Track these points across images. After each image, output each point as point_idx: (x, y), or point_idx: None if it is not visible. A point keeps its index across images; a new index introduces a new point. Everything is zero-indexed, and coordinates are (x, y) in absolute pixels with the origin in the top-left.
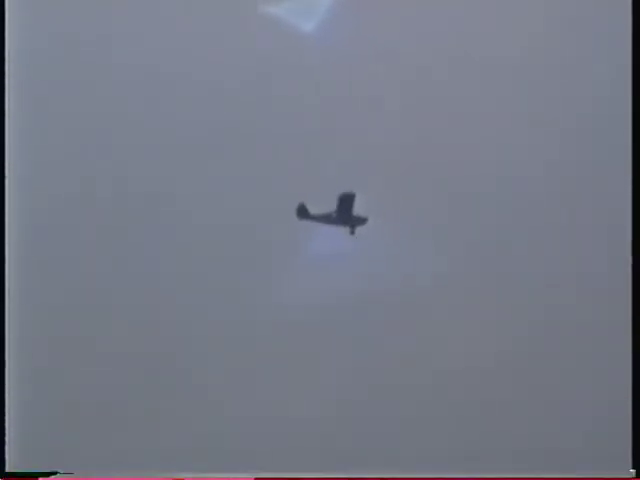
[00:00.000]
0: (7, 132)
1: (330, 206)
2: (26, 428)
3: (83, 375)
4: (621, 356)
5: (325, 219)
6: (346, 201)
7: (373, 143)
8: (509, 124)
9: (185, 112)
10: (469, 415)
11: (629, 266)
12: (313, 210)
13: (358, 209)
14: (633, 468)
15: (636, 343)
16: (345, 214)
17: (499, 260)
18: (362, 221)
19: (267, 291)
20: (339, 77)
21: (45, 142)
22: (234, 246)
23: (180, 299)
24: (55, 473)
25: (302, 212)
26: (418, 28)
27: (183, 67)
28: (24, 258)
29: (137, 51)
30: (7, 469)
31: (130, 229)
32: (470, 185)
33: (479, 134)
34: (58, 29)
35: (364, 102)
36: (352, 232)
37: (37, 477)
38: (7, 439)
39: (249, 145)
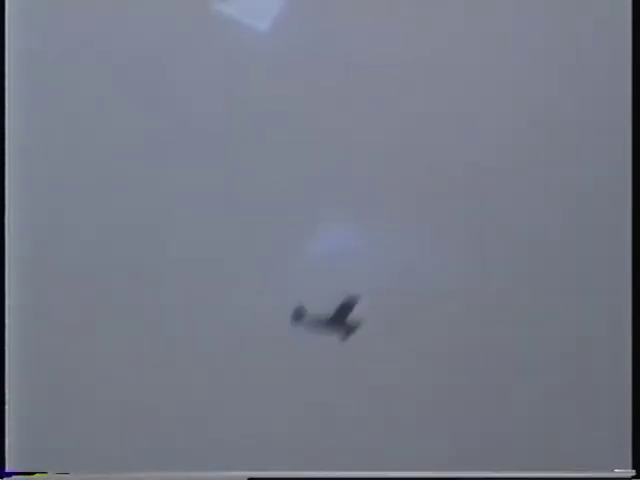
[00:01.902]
0: (7, 133)
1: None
2: (26, 428)
3: (83, 375)
4: (621, 356)
5: (320, 324)
6: (346, 307)
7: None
8: (507, 124)
9: (181, 113)
10: (468, 415)
11: (629, 265)
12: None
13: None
14: (633, 468)
15: (636, 343)
16: (341, 320)
17: (499, 261)
18: (355, 328)
19: (267, 291)
20: (299, 76)
21: (46, 143)
22: (234, 246)
23: (181, 299)
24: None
25: (298, 315)
26: (385, 24)
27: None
28: (24, 258)
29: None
30: (7, 469)
31: (131, 229)
32: (468, 186)
33: (476, 135)
34: (58, 29)
35: (327, 101)
36: (344, 339)
37: (37, 476)
38: (7, 439)
39: (250, 144)
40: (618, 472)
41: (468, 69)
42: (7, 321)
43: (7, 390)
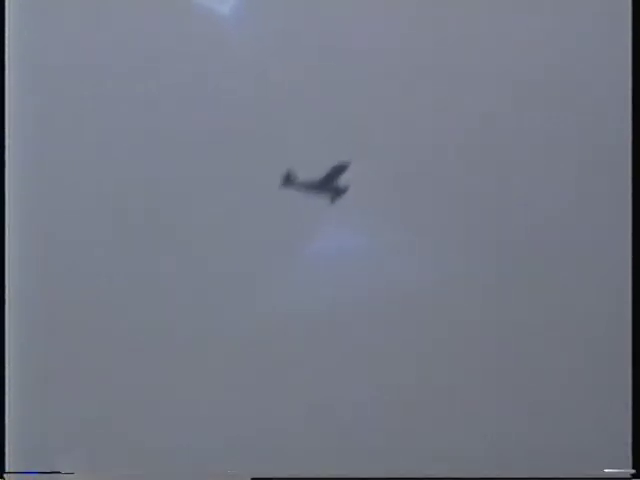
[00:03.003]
0: (7, 137)
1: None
2: (26, 428)
3: (84, 374)
4: (621, 356)
5: (308, 187)
6: (337, 171)
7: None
8: (505, 123)
9: (182, 114)
10: (468, 415)
11: (629, 264)
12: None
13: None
14: (633, 468)
15: (636, 343)
16: (330, 183)
17: (498, 261)
18: (343, 191)
19: (267, 293)
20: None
21: (46, 145)
22: (234, 247)
23: (181, 299)
24: (54, 473)
25: (288, 180)
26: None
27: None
28: (24, 257)
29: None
30: (7, 469)
31: (130, 230)
32: (468, 186)
33: (474, 133)
34: (58, 34)
35: (293, 87)
36: (332, 201)
37: (37, 477)
38: (7, 439)
39: (250, 145)
40: (618, 472)
41: (466, 68)
42: (7, 321)
43: (7, 391)
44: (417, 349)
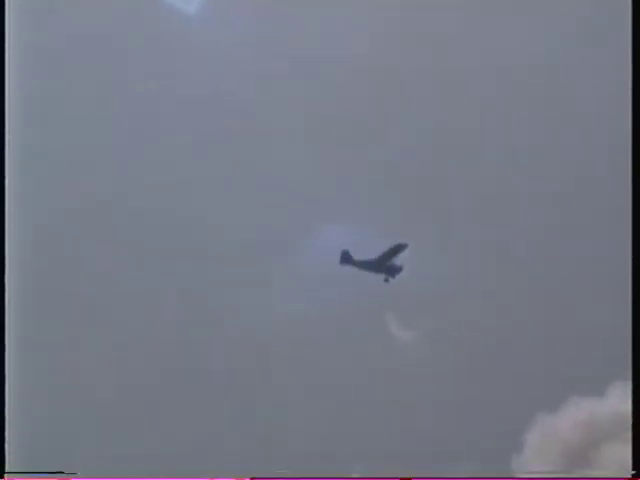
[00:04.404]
0: (7, 138)
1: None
2: (26, 428)
3: (83, 375)
4: (621, 355)
5: (366, 265)
6: (394, 251)
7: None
8: (509, 123)
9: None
10: (468, 415)
11: (629, 265)
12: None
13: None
14: (633, 468)
15: (636, 342)
16: (386, 262)
17: (499, 263)
18: (398, 270)
19: (268, 293)
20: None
21: (46, 145)
22: (234, 247)
23: (183, 300)
24: (54, 473)
25: (346, 258)
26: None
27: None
28: (24, 258)
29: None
30: (7, 469)
31: (130, 230)
32: (467, 187)
33: (477, 136)
34: (59, 34)
35: (259, 83)
36: (387, 280)
37: (37, 477)
38: (7, 439)
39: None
40: (618, 472)
41: (466, 66)
42: (7, 322)
43: (7, 391)
44: (418, 349)
